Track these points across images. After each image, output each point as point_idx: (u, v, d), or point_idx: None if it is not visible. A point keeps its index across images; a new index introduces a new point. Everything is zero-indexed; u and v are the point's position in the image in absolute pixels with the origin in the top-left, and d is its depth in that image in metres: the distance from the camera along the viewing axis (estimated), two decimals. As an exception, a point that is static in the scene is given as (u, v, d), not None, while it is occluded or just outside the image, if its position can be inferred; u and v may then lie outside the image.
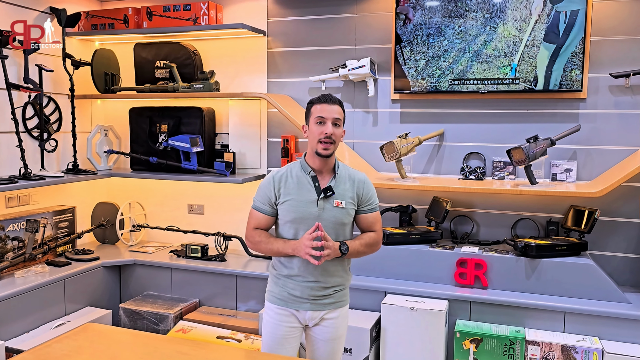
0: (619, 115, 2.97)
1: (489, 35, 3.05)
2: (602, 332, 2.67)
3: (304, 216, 2.15)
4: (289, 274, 2.22)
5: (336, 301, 2.25)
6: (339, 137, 2.17)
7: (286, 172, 2.22)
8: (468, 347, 2.76)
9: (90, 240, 3.89)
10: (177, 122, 3.62)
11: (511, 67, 3.03)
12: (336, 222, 2.17)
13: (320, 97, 2.18)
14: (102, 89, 3.68)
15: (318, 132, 2.14)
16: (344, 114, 2.21)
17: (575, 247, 2.90)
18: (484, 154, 3.20)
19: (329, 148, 2.14)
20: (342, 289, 2.28)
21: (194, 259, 3.48)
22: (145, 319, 3.24)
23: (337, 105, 2.17)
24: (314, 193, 2.17)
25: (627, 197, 2.97)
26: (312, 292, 2.20)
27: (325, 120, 2.14)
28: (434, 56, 3.15)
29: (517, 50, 3.01)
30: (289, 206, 2.17)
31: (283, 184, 2.19)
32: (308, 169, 2.20)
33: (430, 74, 3.16)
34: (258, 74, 3.60)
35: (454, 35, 3.10)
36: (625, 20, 2.92)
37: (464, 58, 3.10)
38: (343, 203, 2.18)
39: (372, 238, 2.26)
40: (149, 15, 3.51)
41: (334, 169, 2.22)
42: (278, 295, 2.25)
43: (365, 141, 3.43)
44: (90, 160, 3.71)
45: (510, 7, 3.00)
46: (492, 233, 3.22)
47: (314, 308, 2.22)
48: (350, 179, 2.23)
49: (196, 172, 3.54)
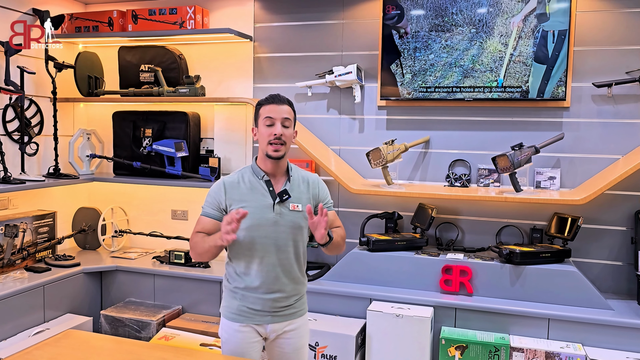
0: (602, 124, 3.01)
1: (475, 50, 3.07)
2: (585, 339, 2.69)
3: (260, 222, 2.05)
4: (247, 286, 2.10)
5: (297, 311, 2.18)
6: (290, 138, 2.10)
7: (237, 178, 2.13)
8: (453, 354, 2.76)
9: (71, 245, 3.82)
10: (162, 126, 3.59)
11: (497, 83, 3.06)
12: (294, 227, 2.10)
13: (269, 97, 2.10)
14: (85, 93, 3.63)
15: (267, 133, 2.06)
16: (295, 114, 2.14)
17: (559, 254, 2.92)
18: (469, 161, 3.22)
19: (280, 149, 2.06)
20: (302, 297, 2.21)
21: (178, 265, 3.44)
22: (127, 326, 3.18)
23: (287, 105, 2.10)
24: (269, 198, 2.08)
25: (609, 204, 3.01)
26: (274, 304, 2.11)
27: (274, 120, 2.06)
28: (420, 70, 3.17)
29: (502, 65, 3.04)
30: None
31: (236, 190, 2.09)
32: (261, 173, 2.11)
33: (415, 88, 3.18)
34: (244, 79, 3.59)
35: (441, 49, 3.13)
36: (607, 31, 2.97)
37: (450, 72, 3.12)
38: (299, 206, 2.10)
39: (343, 232, 2.21)
40: (134, 18, 3.48)
41: (288, 172, 2.15)
42: (236, 311, 2.13)
43: (351, 147, 3.43)
44: (72, 164, 3.65)
45: (496, 23, 3.03)
46: (477, 240, 3.24)
47: (276, 321, 2.13)
48: (304, 180, 2.17)
49: (180, 177, 3.50)
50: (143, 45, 3.62)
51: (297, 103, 3.49)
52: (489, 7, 3.03)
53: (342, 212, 3.44)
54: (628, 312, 2.74)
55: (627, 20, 2.94)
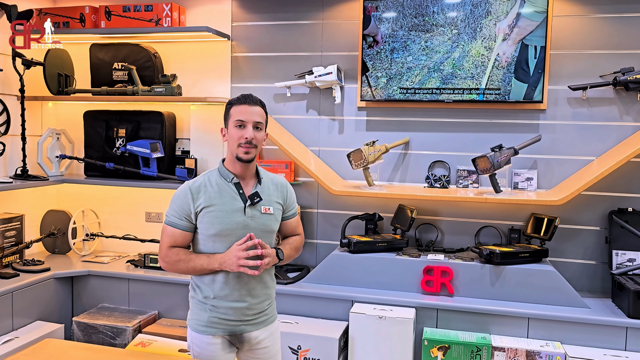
0: (577, 127, 3.08)
1: (456, 54, 3.08)
2: (564, 337, 2.74)
3: (231, 227, 1.97)
4: (217, 296, 2.01)
5: (269, 317, 2.12)
6: (261, 141, 2.02)
7: (204, 181, 2.02)
8: (436, 355, 2.76)
9: (39, 250, 3.67)
10: (136, 126, 3.49)
11: (478, 92, 3.08)
12: (265, 230, 2.04)
13: (240, 97, 2.01)
14: (55, 91, 3.49)
15: (237, 136, 1.97)
16: (267, 116, 2.07)
17: (537, 254, 2.97)
18: (448, 163, 3.24)
19: (250, 152, 1.98)
20: (272, 301, 2.15)
21: (153, 269, 3.34)
22: (101, 332, 3.07)
23: (259, 107, 2.02)
24: (239, 201, 2.00)
25: (583, 205, 3.07)
26: (246, 311, 2.04)
27: (246, 123, 1.98)
28: (396, 74, 3.16)
29: (485, 72, 3.05)
30: (213, 218, 1.96)
31: (203, 194, 1.98)
32: (230, 176, 2.02)
33: (390, 94, 3.18)
34: (221, 79, 3.52)
35: (420, 50, 3.13)
36: (582, 36, 3.04)
37: (428, 77, 3.12)
38: (271, 209, 2.04)
39: (298, 241, 2.20)
40: (107, 14, 3.37)
41: (257, 174, 2.09)
42: (207, 323, 2.03)
43: (330, 148, 3.40)
44: (40, 165, 3.51)
45: (479, 25, 3.04)
46: (456, 241, 3.26)
47: (248, 329, 2.06)
48: (272, 183, 2.11)
49: (156, 178, 3.41)
50: (116, 43, 3.51)
51: (276, 103, 3.45)
52: (472, 8, 3.03)
53: (321, 213, 3.41)
54: (604, 310, 2.80)
55: (601, 25, 3.01)
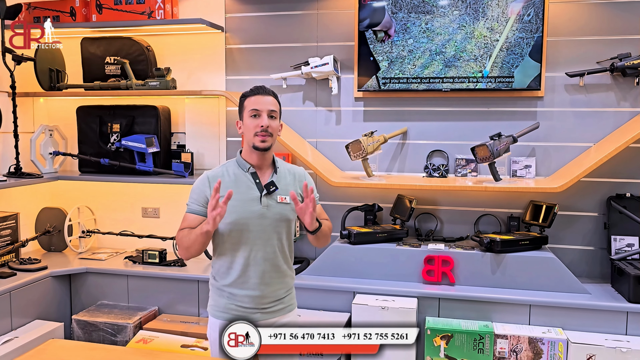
0: (574, 113, 3.08)
1: (458, 35, 3.04)
2: (565, 323, 2.75)
3: (246, 215, 2.02)
4: (233, 283, 2.07)
5: (286, 306, 2.15)
6: (276, 130, 2.07)
7: (222, 171, 2.09)
8: (439, 344, 2.77)
9: (34, 248, 3.63)
10: (131, 121, 3.44)
11: (482, 75, 3.07)
12: (281, 219, 2.07)
13: (253, 88, 2.07)
14: (46, 87, 3.44)
15: (253, 125, 2.02)
16: (280, 107, 2.11)
17: (536, 241, 2.98)
18: (447, 152, 3.24)
19: (267, 140, 2.03)
20: (290, 290, 2.19)
21: (152, 265, 3.32)
22: (102, 330, 3.05)
23: (272, 97, 2.07)
24: (255, 190, 2.05)
25: (582, 191, 3.08)
26: (262, 300, 2.08)
27: (260, 112, 2.03)
28: (397, 57, 3.14)
29: (490, 55, 3.03)
30: (229, 207, 1.97)
31: (221, 184, 1.99)
32: (246, 166, 2.07)
33: (393, 76, 3.15)
34: (216, 72, 3.48)
35: (420, 33, 3.10)
36: (579, 22, 3.03)
37: (430, 61, 3.09)
38: (287, 198, 2.07)
39: (330, 224, 2.23)
40: (98, 8, 3.31)
41: (273, 164, 2.13)
42: (223, 309, 2.09)
43: (328, 140, 3.38)
44: (34, 162, 3.46)
45: (484, 4, 2.99)
46: (455, 229, 3.27)
47: (266, 317, 2.09)
48: (290, 173, 2.15)
49: (152, 173, 3.37)
50: (108, 37, 3.46)
51: (272, 95, 3.42)
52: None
53: (320, 205, 3.39)
54: (604, 295, 2.82)
55: (597, 11, 3.01)
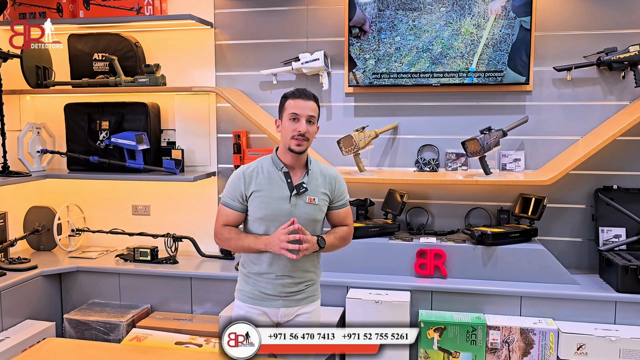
0: (562, 107, 3.13)
1: (445, 32, 3.07)
2: (556, 313, 2.80)
3: (276, 213, 2.10)
4: (259, 272, 2.17)
5: (308, 296, 2.23)
6: (313, 134, 2.13)
7: (257, 167, 2.16)
8: (432, 336, 2.80)
9: (23, 247, 3.58)
10: (120, 118, 3.41)
11: (468, 72, 3.10)
12: (308, 219, 2.13)
13: (295, 91, 2.13)
14: (33, 84, 3.39)
15: (291, 129, 2.08)
16: (319, 110, 2.16)
17: (526, 233, 3.02)
18: (437, 146, 3.26)
19: (302, 144, 2.09)
20: (313, 283, 2.26)
21: (143, 263, 3.30)
22: (94, 329, 3.03)
23: (312, 102, 2.12)
24: (286, 189, 2.12)
25: (570, 184, 3.13)
26: (284, 289, 2.17)
27: (299, 117, 2.08)
28: (385, 54, 3.15)
29: (475, 52, 3.06)
30: (260, 202, 2.11)
31: (254, 179, 2.13)
32: (280, 165, 2.15)
33: (380, 71, 3.17)
34: (205, 68, 3.46)
35: (408, 30, 3.12)
36: (566, 17, 3.07)
37: (417, 58, 3.12)
38: (316, 199, 2.14)
39: (345, 232, 2.27)
40: (85, 4, 3.28)
41: (306, 165, 2.18)
42: (249, 294, 2.20)
43: (319, 135, 3.34)
44: (21, 160, 3.41)
45: (469, 1, 3.03)
46: (446, 223, 3.30)
47: (287, 305, 2.18)
48: (322, 174, 2.20)
49: (142, 171, 3.35)
50: (96, 33, 3.42)
51: (262, 91, 3.42)
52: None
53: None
54: (593, 285, 2.88)
55: (583, 6, 3.05)
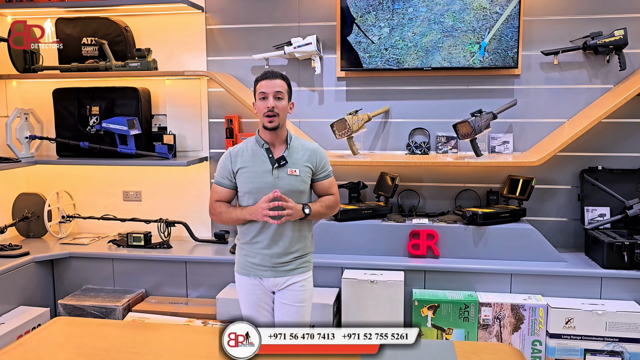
0: (549, 90, 3.21)
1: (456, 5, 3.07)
2: (545, 290, 2.90)
3: (261, 185, 2.26)
4: (249, 241, 2.32)
5: (297, 267, 2.33)
6: (283, 109, 2.26)
7: (242, 147, 2.34)
8: (426, 314, 2.87)
9: (12, 235, 3.54)
10: (110, 103, 3.39)
11: (480, 46, 3.14)
12: (292, 190, 2.27)
13: (263, 73, 2.29)
14: (21, 69, 3.34)
15: (262, 106, 2.25)
16: (289, 87, 2.30)
17: (515, 213, 3.11)
18: (428, 130, 3.32)
19: (274, 120, 2.24)
20: (303, 255, 2.36)
21: (137, 248, 3.30)
22: (89, 314, 3.02)
23: (280, 79, 2.27)
24: (268, 164, 2.28)
25: (557, 165, 3.22)
26: (271, 259, 2.29)
27: (267, 95, 2.24)
28: (398, 24, 3.15)
29: (491, 27, 3.07)
30: (246, 177, 2.28)
31: (240, 158, 2.31)
32: (262, 142, 2.31)
33: (385, 47, 3.17)
34: (196, 52, 3.45)
35: (420, 2, 3.12)
36: (554, 2, 3.14)
37: (428, 30, 3.12)
38: (297, 171, 2.29)
39: (330, 200, 2.41)
40: (74, -13, 3.23)
41: (287, 141, 2.33)
42: (241, 265, 2.36)
43: (311, 120, 3.42)
44: (10, 146, 3.37)
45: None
46: (437, 205, 3.36)
47: (276, 275, 2.31)
48: (302, 148, 2.34)
49: (134, 156, 3.33)
50: (84, 17, 3.38)
51: (254, 76, 3.39)
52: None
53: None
54: (579, 263, 2.98)
55: (570, -9, 3.13)
